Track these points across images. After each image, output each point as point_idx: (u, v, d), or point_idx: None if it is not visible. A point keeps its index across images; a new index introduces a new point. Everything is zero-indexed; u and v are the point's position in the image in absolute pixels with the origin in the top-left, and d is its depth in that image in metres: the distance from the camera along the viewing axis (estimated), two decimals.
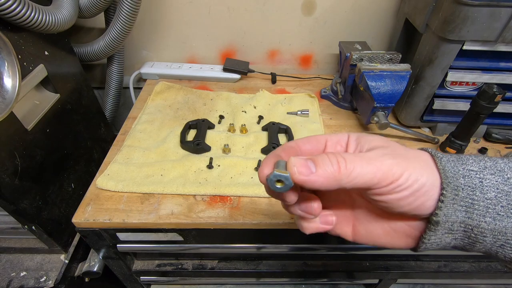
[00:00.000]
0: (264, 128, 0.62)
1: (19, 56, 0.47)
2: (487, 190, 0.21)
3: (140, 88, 0.77)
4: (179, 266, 0.61)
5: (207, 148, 0.57)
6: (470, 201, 0.21)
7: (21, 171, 0.48)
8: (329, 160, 0.21)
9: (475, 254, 0.60)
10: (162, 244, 0.53)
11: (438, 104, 0.59)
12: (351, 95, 0.69)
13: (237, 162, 0.54)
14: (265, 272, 0.62)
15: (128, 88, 0.80)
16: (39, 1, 0.48)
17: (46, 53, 0.54)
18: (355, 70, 0.62)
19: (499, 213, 0.20)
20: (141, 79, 0.83)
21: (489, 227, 0.21)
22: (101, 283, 0.69)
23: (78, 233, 0.61)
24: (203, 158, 0.54)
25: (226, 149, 0.56)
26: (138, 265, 0.61)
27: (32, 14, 0.45)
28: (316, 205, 0.25)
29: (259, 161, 0.53)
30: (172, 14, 0.74)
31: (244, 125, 0.62)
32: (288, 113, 0.67)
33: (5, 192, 0.45)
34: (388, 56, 0.61)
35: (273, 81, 0.79)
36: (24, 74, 0.48)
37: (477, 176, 0.21)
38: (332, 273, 0.64)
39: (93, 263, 0.57)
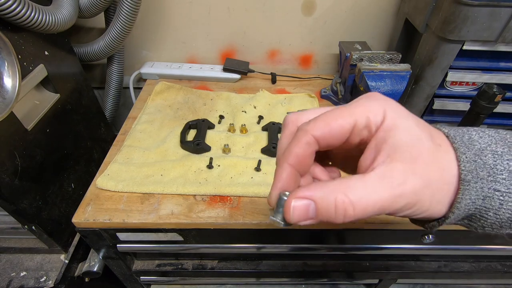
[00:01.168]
0: (264, 128, 0.62)
1: (19, 56, 0.47)
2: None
3: (140, 88, 0.77)
4: (179, 266, 0.61)
5: (207, 148, 0.57)
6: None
7: (21, 171, 0.48)
8: (334, 210, 0.19)
9: (475, 254, 0.60)
10: (162, 244, 0.53)
11: (438, 104, 0.59)
12: (351, 95, 0.69)
13: (237, 162, 0.54)
14: (265, 272, 0.62)
15: (128, 88, 0.80)
16: (39, 1, 0.48)
17: (46, 53, 0.54)
18: (355, 70, 0.62)
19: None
20: (141, 79, 0.83)
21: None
22: (101, 283, 0.69)
23: (78, 233, 0.61)
24: (203, 158, 0.54)
25: (226, 149, 0.56)
26: (138, 265, 0.61)
27: (32, 14, 0.45)
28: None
29: (259, 161, 0.53)
30: (172, 14, 0.74)
31: (244, 125, 0.62)
32: (288, 113, 0.67)
33: (5, 192, 0.45)
34: (388, 56, 0.61)
35: (273, 81, 0.79)
36: (24, 74, 0.48)
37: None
38: (332, 273, 0.64)
39: (93, 263, 0.57)
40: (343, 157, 0.26)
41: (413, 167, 0.19)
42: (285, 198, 0.21)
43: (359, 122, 0.20)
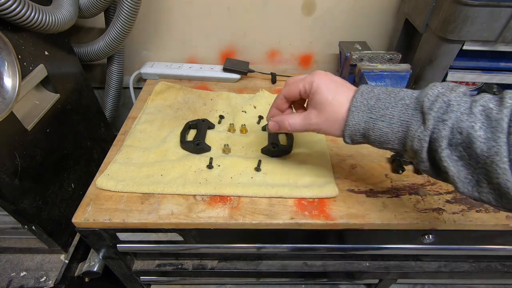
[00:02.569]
0: (264, 128, 0.62)
1: (19, 56, 0.47)
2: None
3: (140, 88, 0.77)
4: (179, 266, 0.61)
5: (207, 148, 0.57)
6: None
7: (21, 171, 0.48)
8: (283, 125, 0.42)
9: (475, 254, 0.60)
10: (162, 244, 0.53)
11: None
12: None
13: (237, 162, 0.54)
14: (265, 272, 0.62)
15: (128, 88, 0.81)
16: (39, 1, 0.48)
17: (46, 53, 0.54)
18: (355, 70, 0.62)
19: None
20: (141, 79, 0.83)
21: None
22: (101, 283, 0.69)
23: (78, 233, 0.61)
24: (203, 158, 0.54)
25: (226, 149, 0.56)
26: (138, 265, 0.61)
27: (32, 14, 0.45)
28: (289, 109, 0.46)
29: (259, 161, 0.53)
30: (172, 14, 0.74)
31: (244, 125, 0.62)
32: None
33: (5, 192, 0.45)
34: (388, 56, 0.61)
35: (273, 81, 0.79)
36: (24, 74, 0.48)
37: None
38: (332, 273, 0.64)
39: (93, 263, 0.57)
40: (300, 104, 0.45)
41: (319, 112, 0.38)
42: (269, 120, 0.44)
43: (301, 89, 0.39)
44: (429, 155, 0.31)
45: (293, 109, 0.45)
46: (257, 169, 0.53)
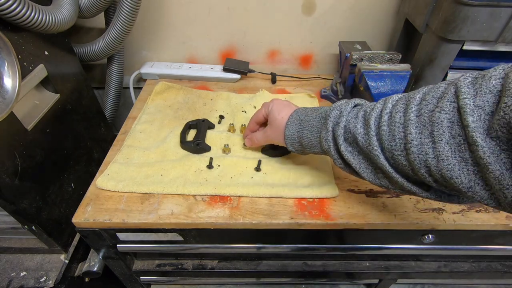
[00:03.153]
0: None
1: (19, 56, 0.47)
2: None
3: (140, 88, 0.77)
4: (179, 266, 0.61)
5: (207, 148, 0.57)
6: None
7: (21, 171, 0.48)
8: (252, 141, 0.54)
9: (475, 254, 0.60)
10: (162, 244, 0.53)
11: None
12: (351, 95, 0.69)
13: (237, 162, 0.54)
14: (265, 272, 0.62)
15: (128, 88, 0.81)
16: (39, 1, 0.48)
17: (46, 53, 0.54)
18: (355, 70, 0.62)
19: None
20: (141, 79, 0.83)
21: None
22: (101, 283, 0.69)
23: (78, 233, 0.61)
24: (203, 158, 0.54)
25: (226, 149, 0.56)
26: (138, 265, 0.61)
27: (32, 14, 0.45)
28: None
29: (259, 161, 0.54)
30: (172, 14, 0.74)
31: (244, 125, 0.62)
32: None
33: (5, 192, 0.45)
34: (388, 56, 0.61)
35: (273, 81, 0.79)
36: (24, 74, 0.48)
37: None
38: (332, 273, 0.64)
39: (93, 263, 0.57)
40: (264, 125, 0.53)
41: (271, 127, 0.48)
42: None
43: (263, 113, 0.50)
44: (338, 153, 0.39)
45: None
46: (257, 169, 0.53)
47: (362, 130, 0.35)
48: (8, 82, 0.42)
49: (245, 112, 0.66)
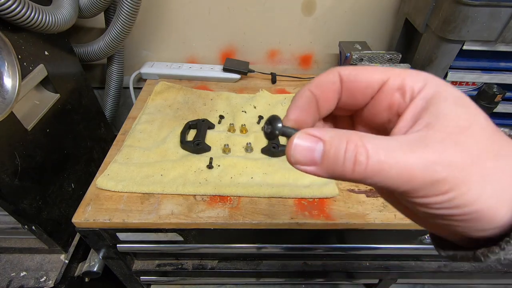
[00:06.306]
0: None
1: (19, 56, 0.47)
2: None
3: (140, 88, 0.77)
4: (179, 266, 0.61)
5: (207, 148, 0.57)
6: None
7: (21, 171, 0.48)
8: (344, 153, 0.14)
9: None
10: (162, 244, 0.53)
11: None
12: None
13: (237, 162, 0.54)
14: (265, 272, 0.62)
15: (128, 88, 0.80)
16: (39, 1, 0.48)
17: (46, 53, 0.54)
18: None
19: None
20: (141, 79, 0.83)
21: None
22: (101, 283, 0.69)
23: (78, 233, 0.61)
24: (203, 158, 0.54)
25: (226, 149, 0.56)
26: (138, 265, 0.61)
27: (32, 14, 0.45)
28: None
29: (259, 161, 0.53)
30: (172, 14, 0.74)
31: (244, 125, 0.62)
32: None
33: (5, 192, 0.45)
34: (388, 56, 0.61)
35: (273, 81, 0.79)
36: (24, 74, 0.48)
37: None
38: (331, 273, 0.64)
39: (93, 263, 0.57)
40: (365, 126, 0.21)
41: (457, 138, 0.14)
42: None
43: (392, 80, 0.17)
44: None
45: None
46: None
47: None
48: (8, 82, 0.42)
49: (245, 112, 0.66)
